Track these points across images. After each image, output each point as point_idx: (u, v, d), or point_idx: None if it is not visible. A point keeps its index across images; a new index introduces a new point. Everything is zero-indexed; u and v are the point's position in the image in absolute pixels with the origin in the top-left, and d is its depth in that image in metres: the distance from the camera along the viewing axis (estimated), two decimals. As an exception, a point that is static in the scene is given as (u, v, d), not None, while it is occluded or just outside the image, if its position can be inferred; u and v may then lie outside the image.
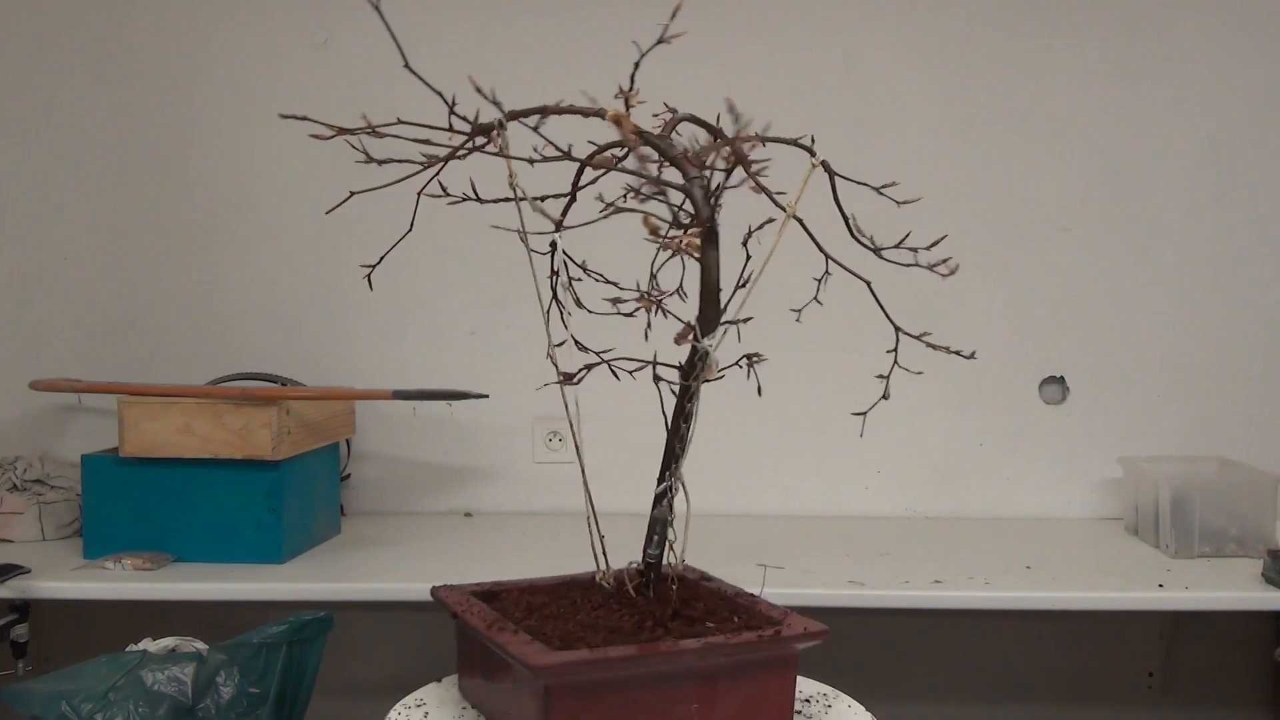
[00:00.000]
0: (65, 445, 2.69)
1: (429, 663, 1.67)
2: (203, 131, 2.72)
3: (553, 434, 2.71)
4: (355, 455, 2.71)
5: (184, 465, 2.25)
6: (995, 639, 2.69)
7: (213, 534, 2.25)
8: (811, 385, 2.65)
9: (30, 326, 2.75)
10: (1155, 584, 2.13)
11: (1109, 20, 2.64)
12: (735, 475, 2.67)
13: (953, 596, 2.10)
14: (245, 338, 2.71)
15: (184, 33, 2.71)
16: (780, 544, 2.38)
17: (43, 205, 2.75)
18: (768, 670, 1.33)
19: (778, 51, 2.66)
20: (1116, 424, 2.67)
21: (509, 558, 2.34)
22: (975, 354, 1.40)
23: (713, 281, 1.31)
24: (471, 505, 2.74)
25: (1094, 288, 2.67)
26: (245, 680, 1.87)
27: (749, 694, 1.31)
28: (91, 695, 1.78)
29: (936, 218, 2.65)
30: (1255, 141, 2.64)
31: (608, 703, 1.26)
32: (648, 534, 1.42)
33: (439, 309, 2.72)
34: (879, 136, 2.65)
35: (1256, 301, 2.65)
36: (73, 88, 2.72)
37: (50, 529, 2.46)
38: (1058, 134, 2.65)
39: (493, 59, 2.62)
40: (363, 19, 2.70)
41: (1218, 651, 2.68)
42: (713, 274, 1.30)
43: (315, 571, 2.24)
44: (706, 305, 1.31)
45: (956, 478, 2.69)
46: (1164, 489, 2.32)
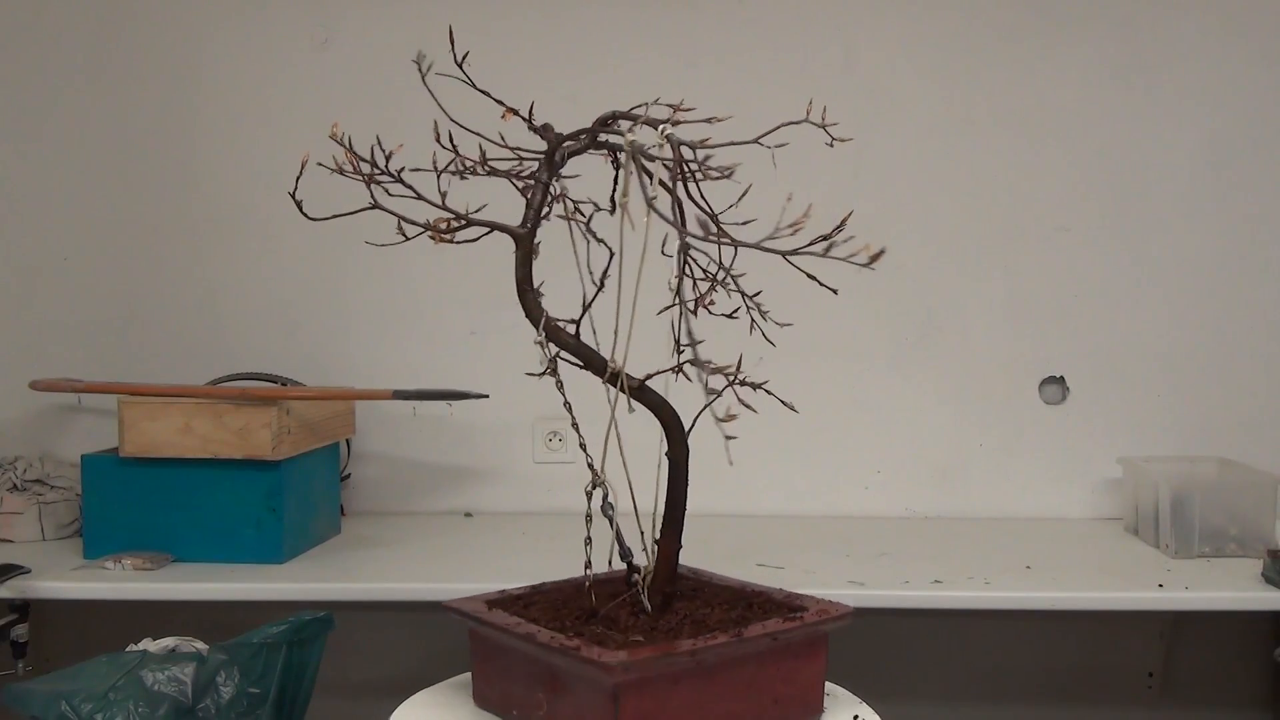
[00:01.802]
0: (65, 445, 2.69)
1: (429, 663, 1.67)
2: (202, 131, 2.72)
3: (553, 434, 2.71)
4: (355, 455, 2.71)
5: (184, 465, 2.25)
6: (995, 639, 2.69)
7: (213, 534, 2.25)
8: (811, 386, 2.65)
9: (30, 326, 2.75)
10: (1155, 584, 2.13)
11: (1109, 20, 2.64)
12: (735, 475, 2.65)
13: (953, 596, 2.11)
14: (245, 338, 2.71)
15: (183, 33, 2.71)
16: (780, 544, 2.38)
17: (43, 205, 2.75)
18: (810, 650, 1.42)
19: (778, 51, 2.66)
20: (1116, 424, 2.67)
21: (509, 558, 2.34)
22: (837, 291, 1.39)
23: (519, 279, 1.40)
24: (471, 505, 2.74)
25: (1093, 287, 2.66)
26: (245, 680, 1.87)
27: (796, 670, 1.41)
28: (91, 695, 1.78)
29: (937, 218, 2.66)
30: (1255, 141, 2.64)
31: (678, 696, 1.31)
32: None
33: (439, 309, 2.72)
34: (879, 136, 2.65)
35: (1256, 301, 2.65)
36: (73, 88, 2.72)
37: (50, 529, 2.46)
38: (1057, 134, 2.65)
39: (493, 59, 2.62)
40: (363, 19, 2.72)
41: (1217, 651, 2.68)
42: (518, 272, 1.40)
43: (315, 571, 2.24)
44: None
45: (956, 478, 2.69)
46: (1164, 489, 2.32)
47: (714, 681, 1.32)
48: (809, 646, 1.41)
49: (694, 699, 1.31)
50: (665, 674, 1.28)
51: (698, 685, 1.31)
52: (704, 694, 1.32)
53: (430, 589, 2.15)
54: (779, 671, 1.38)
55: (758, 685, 1.36)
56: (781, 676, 1.38)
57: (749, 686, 1.35)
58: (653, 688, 1.27)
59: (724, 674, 1.33)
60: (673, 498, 1.43)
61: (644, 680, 1.26)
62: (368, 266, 2.68)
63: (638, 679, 1.26)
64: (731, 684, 1.34)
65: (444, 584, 2.14)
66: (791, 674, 1.39)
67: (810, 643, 1.41)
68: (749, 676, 1.35)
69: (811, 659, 1.41)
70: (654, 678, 1.28)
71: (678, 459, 1.42)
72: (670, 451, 1.41)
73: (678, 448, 1.42)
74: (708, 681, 1.32)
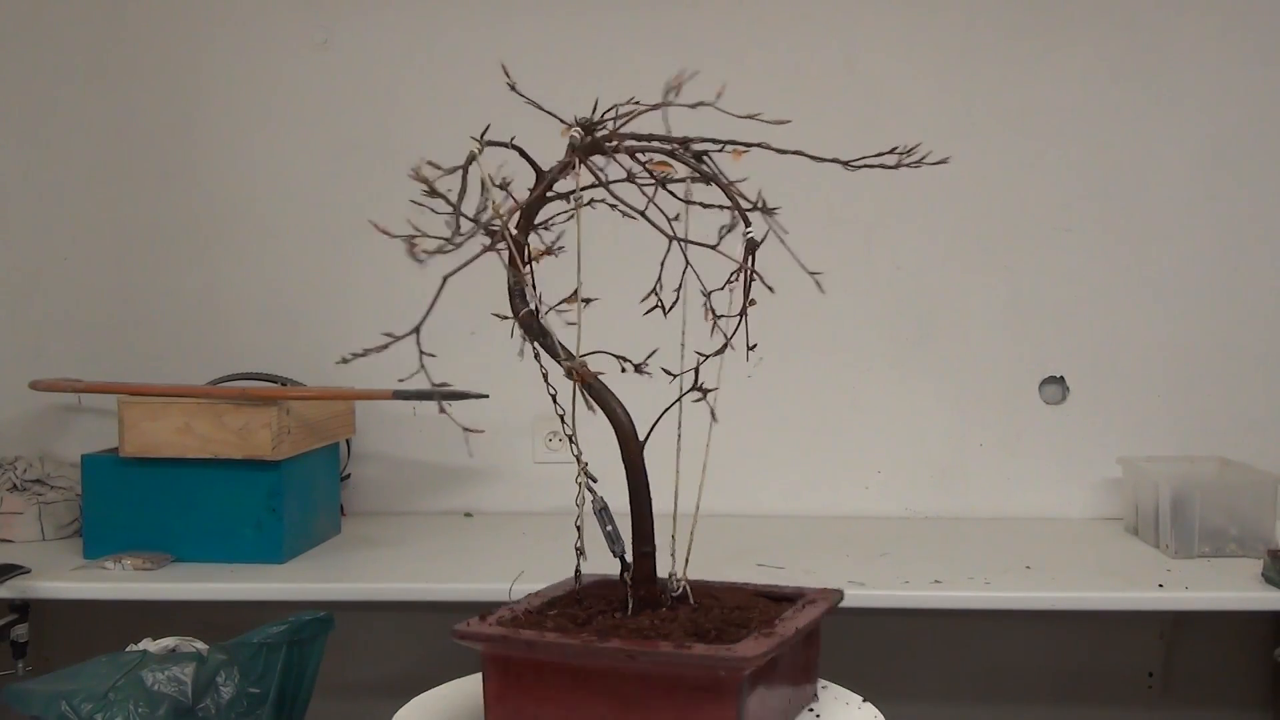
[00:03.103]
0: (65, 445, 2.69)
1: (429, 663, 1.67)
2: (203, 131, 2.72)
3: (553, 434, 2.71)
4: (355, 455, 2.71)
5: (184, 465, 2.25)
6: (995, 639, 2.69)
7: (213, 534, 2.25)
8: (811, 386, 2.65)
9: (30, 326, 2.75)
10: (1155, 584, 2.13)
11: (1108, 20, 2.64)
12: (735, 475, 2.66)
13: (953, 596, 2.10)
14: (245, 338, 2.71)
15: (184, 33, 2.71)
16: (780, 544, 2.38)
17: (43, 205, 2.75)
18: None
19: (778, 52, 2.66)
20: (1116, 424, 2.67)
21: (509, 558, 2.34)
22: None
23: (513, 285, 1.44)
24: (471, 505, 2.74)
25: (1094, 288, 2.66)
26: (245, 680, 1.87)
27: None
28: (91, 695, 1.78)
29: (937, 218, 2.66)
30: (1254, 141, 2.64)
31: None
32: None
33: (439, 308, 2.71)
34: (879, 136, 2.64)
35: (1256, 301, 2.65)
36: (73, 88, 2.72)
37: (50, 529, 2.46)
38: (1057, 134, 2.65)
39: (492, 59, 2.62)
40: (363, 19, 2.72)
41: (1217, 651, 2.68)
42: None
43: (315, 571, 2.24)
44: None
45: (956, 478, 2.69)
46: (1164, 489, 2.32)
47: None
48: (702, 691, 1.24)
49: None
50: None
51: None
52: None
53: (430, 589, 2.15)
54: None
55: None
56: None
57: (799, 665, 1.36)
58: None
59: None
60: (633, 500, 1.42)
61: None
62: (368, 266, 2.68)
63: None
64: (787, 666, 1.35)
65: (444, 584, 2.15)
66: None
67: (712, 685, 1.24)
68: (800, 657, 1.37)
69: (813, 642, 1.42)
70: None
71: (630, 461, 1.41)
72: (623, 454, 1.41)
73: (627, 445, 1.41)
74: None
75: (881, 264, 2.63)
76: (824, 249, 2.43)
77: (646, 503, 1.41)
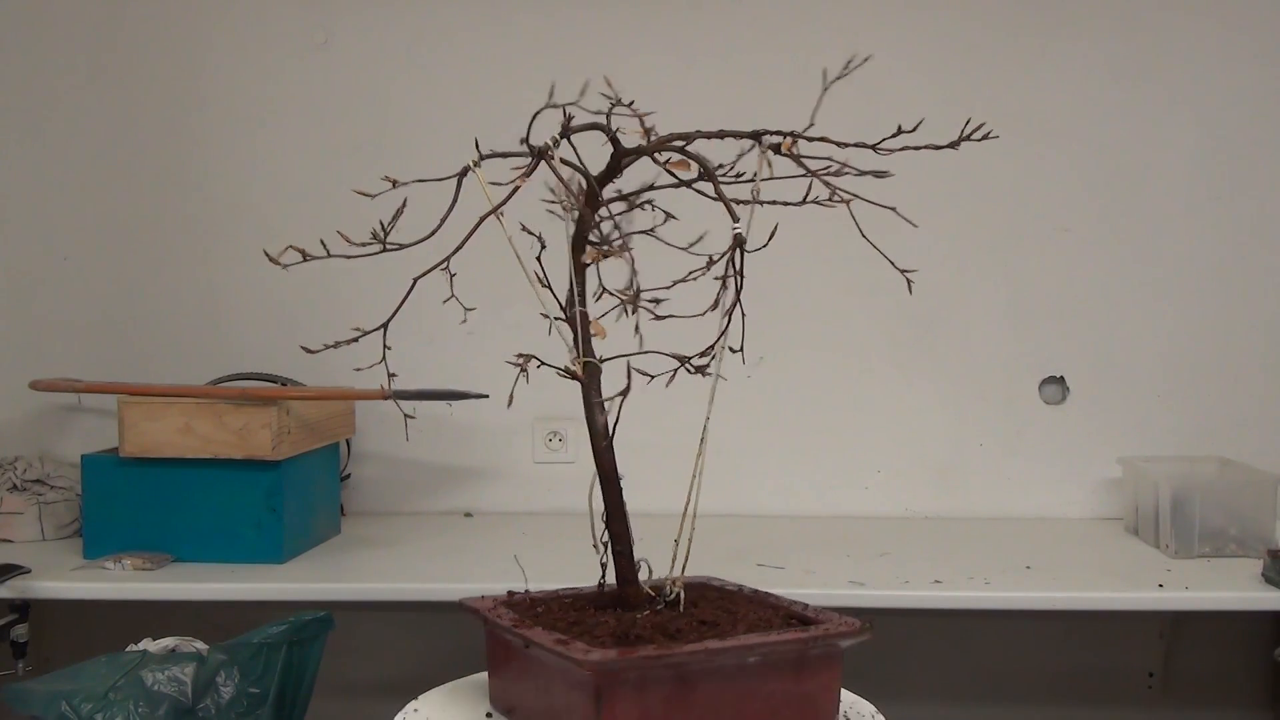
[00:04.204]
0: (65, 445, 2.69)
1: (429, 663, 1.67)
2: (202, 131, 2.72)
3: (553, 434, 2.71)
4: (355, 455, 2.71)
5: (184, 465, 2.25)
6: (995, 639, 2.69)
7: (212, 534, 2.25)
8: (811, 385, 2.65)
9: (30, 326, 2.75)
10: (1155, 584, 2.13)
11: (1108, 20, 2.64)
12: (734, 475, 2.66)
13: (953, 596, 2.11)
14: (245, 338, 2.71)
15: (183, 33, 2.71)
16: (780, 544, 2.38)
17: (43, 205, 2.74)
18: (820, 664, 1.37)
19: (778, 52, 2.65)
20: (1116, 424, 2.67)
21: (509, 558, 2.33)
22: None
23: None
24: (471, 505, 2.74)
25: (1094, 288, 2.66)
26: (245, 680, 1.87)
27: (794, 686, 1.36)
28: (91, 695, 1.78)
29: (937, 218, 2.66)
30: (1255, 141, 2.64)
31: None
32: None
33: (437, 308, 2.71)
34: (879, 137, 2.64)
35: (1256, 301, 2.65)
36: (73, 88, 2.72)
37: (50, 529, 2.46)
38: (1057, 134, 2.65)
39: (492, 59, 2.62)
40: (362, 19, 2.72)
41: (1218, 651, 2.68)
42: None
43: (315, 571, 2.24)
44: None
45: (956, 478, 2.69)
46: (1164, 489, 2.32)
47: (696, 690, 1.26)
48: (818, 662, 1.34)
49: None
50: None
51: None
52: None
53: (430, 589, 2.15)
54: (775, 687, 1.32)
55: (746, 697, 1.30)
56: (772, 692, 1.32)
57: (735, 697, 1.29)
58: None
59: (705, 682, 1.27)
60: (606, 500, 1.42)
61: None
62: (368, 266, 2.67)
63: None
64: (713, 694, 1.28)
65: (444, 584, 2.14)
66: (790, 690, 1.33)
67: (822, 658, 1.34)
68: (736, 689, 1.29)
69: (822, 671, 1.36)
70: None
71: (600, 463, 1.41)
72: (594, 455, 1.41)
73: (595, 443, 1.41)
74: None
75: (881, 264, 2.63)
76: (824, 249, 2.45)
77: (617, 495, 1.42)
